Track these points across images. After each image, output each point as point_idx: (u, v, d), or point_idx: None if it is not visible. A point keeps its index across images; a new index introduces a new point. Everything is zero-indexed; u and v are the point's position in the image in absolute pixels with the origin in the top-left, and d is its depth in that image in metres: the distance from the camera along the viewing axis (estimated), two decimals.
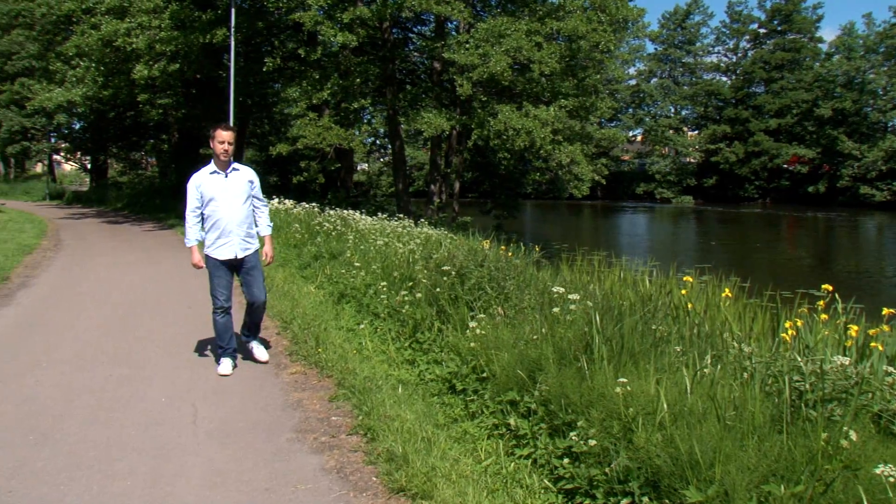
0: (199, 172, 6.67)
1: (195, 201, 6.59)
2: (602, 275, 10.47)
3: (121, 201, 35.92)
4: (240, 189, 6.62)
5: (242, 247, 6.64)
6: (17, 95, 40.87)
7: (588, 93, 24.25)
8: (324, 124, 21.91)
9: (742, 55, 78.16)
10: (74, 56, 24.15)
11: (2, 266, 12.93)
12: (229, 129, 6.55)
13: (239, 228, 6.60)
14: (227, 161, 6.55)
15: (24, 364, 6.85)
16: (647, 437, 3.64)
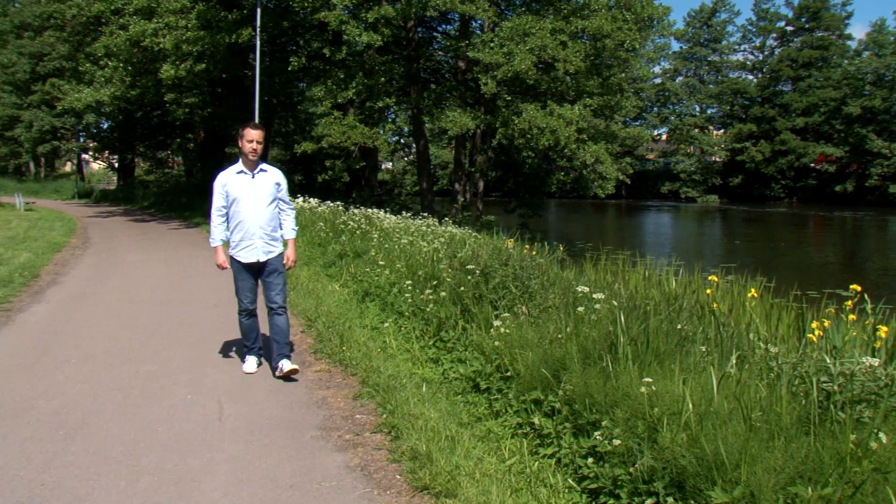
0: (226, 171, 6.51)
1: (220, 200, 6.46)
2: (626, 274, 10.42)
3: (147, 200, 36.27)
4: (266, 191, 6.43)
5: (265, 250, 6.46)
6: (48, 96, 41.45)
7: (613, 91, 24.14)
8: (348, 123, 22.01)
9: (769, 53, 77.48)
10: (103, 56, 24.42)
11: (32, 264, 13.12)
12: (258, 129, 6.37)
13: (262, 231, 6.42)
14: (255, 161, 6.39)
15: (54, 360, 6.93)
16: (672, 438, 3.62)
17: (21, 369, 6.62)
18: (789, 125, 70.30)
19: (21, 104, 46.94)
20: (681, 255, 17.84)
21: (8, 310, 9.33)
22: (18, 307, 9.52)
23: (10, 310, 9.33)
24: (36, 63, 44.91)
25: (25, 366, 6.74)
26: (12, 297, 10.07)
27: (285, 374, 6.32)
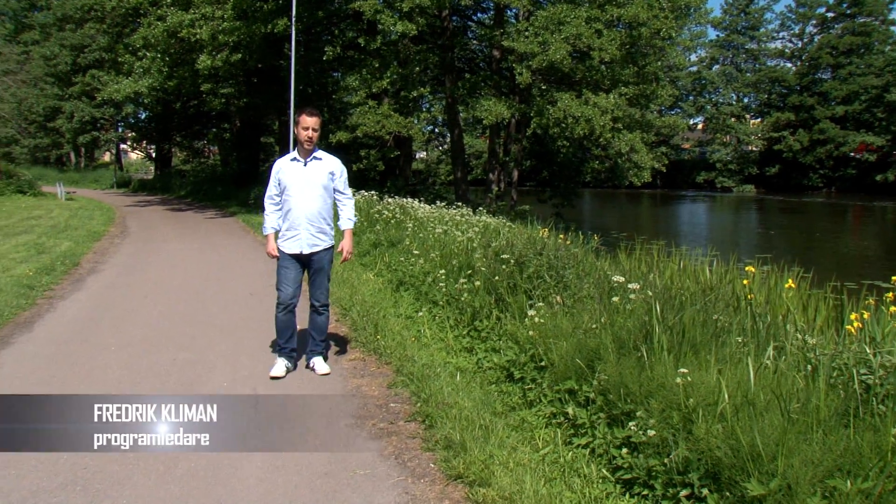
0: (282, 158, 6.36)
1: (273, 188, 6.29)
2: (661, 264, 10.34)
3: (184, 189, 36.69)
4: (317, 180, 6.15)
5: (310, 242, 6.16)
6: (88, 87, 42.09)
7: (648, 80, 23.93)
8: (383, 112, 22.04)
9: (808, 40, 76.02)
10: (141, 48, 24.70)
11: (73, 252, 13.36)
12: (314, 115, 6.10)
13: (309, 222, 6.12)
14: (310, 149, 6.13)
15: (94, 347, 7.06)
16: (707, 429, 3.59)
17: (63, 355, 6.75)
18: (828, 114, 68.99)
19: (62, 95, 47.67)
20: (716, 246, 17.65)
21: (50, 297, 9.51)
22: (60, 294, 9.71)
23: (52, 297, 9.52)
24: (77, 55, 45.55)
25: (67, 352, 6.87)
26: (54, 285, 10.27)
27: (318, 373, 6.24)
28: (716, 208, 54.90)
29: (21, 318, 8.27)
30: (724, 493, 3.36)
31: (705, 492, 3.44)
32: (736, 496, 3.29)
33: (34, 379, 6.04)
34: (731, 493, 3.32)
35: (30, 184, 31.48)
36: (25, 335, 7.53)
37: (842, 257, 24.03)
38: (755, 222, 42.73)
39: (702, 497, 3.46)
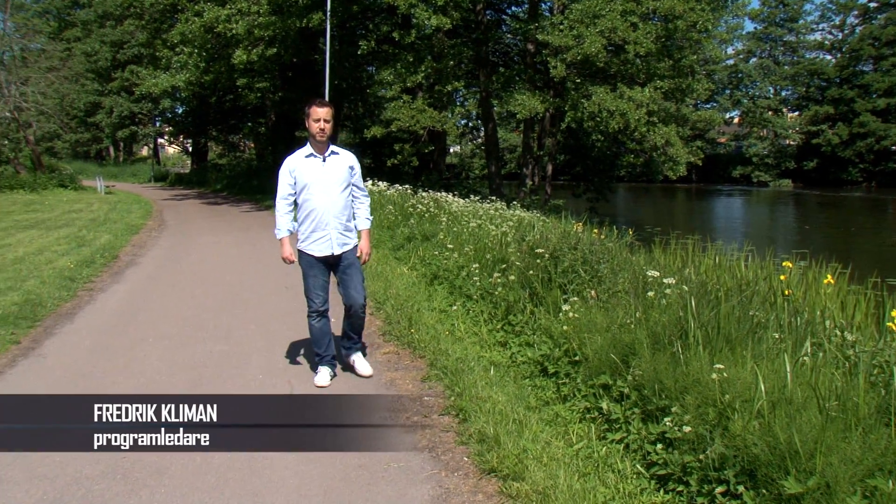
0: (293, 155, 5.86)
1: (287, 187, 5.81)
2: (697, 259, 10.26)
3: (220, 183, 37.03)
4: (339, 175, 5.75)
5: (340, 241, 5.78)
6: (127, 82, 42.62)
7: (684, 74, 23.66)
8: (418, 107, 22.07)
9: (849, 32, 74.57)
10: (179, 43, 24.93)
11: (112, 245, 13.57)
12: (325, 106, 5.65)
13: (337, 221, 5.74)
14: (324, 142, 5.69)
15: (132, 339, 7.17)
16: (743, 425, 3.57)
17: (103, 347, 6.87)
18: (869, 106, 67.66)
19: (102, 91, 48.35)
20: (752, 241, 17.44)
21: (90, 289, 9.68)
22: (100, 287, 9.87)
23: (92, 289, 9.68)
24: (116, 51, 46.15)
25: (107, 343, 6.99)
26: (94, 277, 10.44)
27: (357, 372, 6.00)
28: (752, 203, 54.26)
29: (63, 310, 8.43)
30: (760, 490, 3.34)
31: (741, 489, 3.42)
32: (773, 494, 3.27)
33: (76, 369, 6.16)
34: (767, 491, 3.30)
35: (71, 178, 32.05)
36: (67, 326, 7.69)
37: (882, 253, 23.63)
38: (792, 217, 42.15)
39: (738, 494, 3.44)
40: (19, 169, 31.39)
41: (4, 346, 6.82)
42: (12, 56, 33.73)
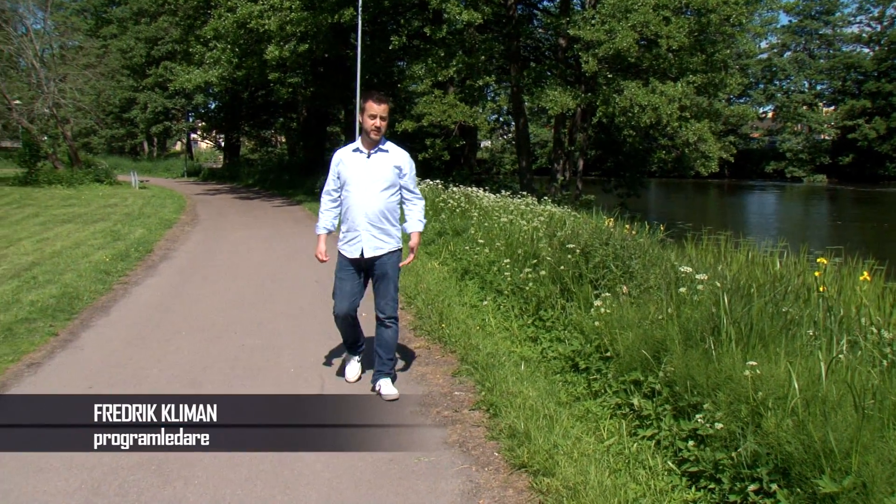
0: (343, 148, 5.55)
1: (332, 181, 5.48)
2: (729, 255, 10.16)
3: (252, 178, 37.32)
4: (381, 174, 5.31)
5: (372, 245, 5.33)
6: (161, 78, 43.15)
7: (717, 68, 23.42)
8: (449, 102, 22.08)
9: (888, 24, 73.32)
10: (212, 39, 25.17)
11: (146, 239, 13.75)
12: (383, 102, 5.26)
13: (370, 222, 5.30)
14: (376, 139, 5.30)
15: (166, 332, 7.25)
16: (776, 423, 3.53)
17: (138, 339, 6.96)
18: None
19: (137, 87, 48.91)
20: (785, 237, 17.24)
21: (125, 283, 9.81)
22: (134, 280, 10.00)
23: (127, 283, 9.81)
24: (151, 47, 46.66)
25: (141, 336, 7.08)
26: (129, 271, 10.58)
27: (385, 398, 5.35)
28: (785, 198, 53.63)
29: (99, 303, 8.56)
30: (794, 489, 3.30)
31: (774, 487, 3.39)
32: (807, 493, 3.23)
33: (112, 361, 6.25)
34: (801, 490, 3.26)
35: (106, 173, 32.46)
36: (103, 319, 7.80)
37: None
38: (826, 213, 41.58)
39: (771, 492, 3.41)
40: (57, 164, 31.87)
41: (44, 337, 6.94)
42: (51, 54, 34.27)
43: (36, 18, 35.65)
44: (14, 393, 5.40)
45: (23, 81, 32.48)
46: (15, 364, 6.13)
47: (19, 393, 5.41)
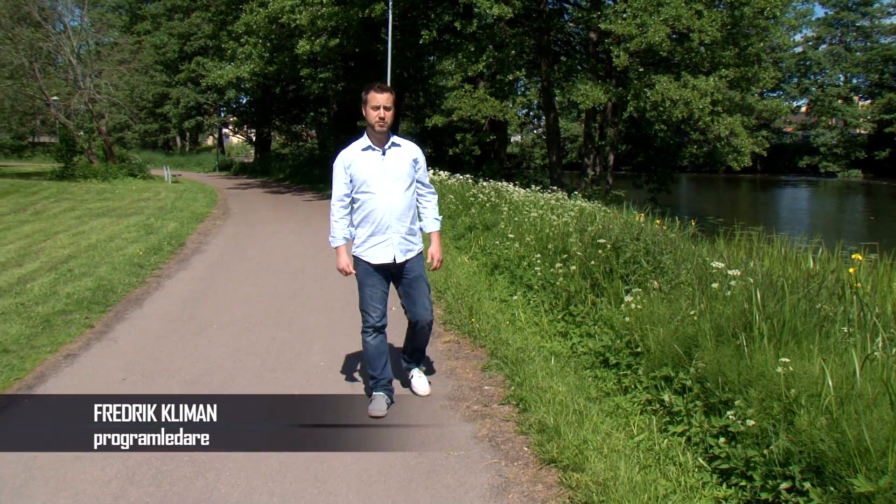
0: (348, 149, 5.07)
1: (342, 186, 5.05)
2: (761, 251, 10.06)
3: (283, 172, 37.52)
4: (401, 170, 4.95)
5: (403, 248, 5.00)
6: (194, 73, 43.51)
7: (750, 62, 23.12)
8: (479, 96, 22.04)
9: None
10: (244, 34, 25.36)
11: (179, 233, 13.90)
12: (385, 91, 4.85)
13: (399, 223, 4.96)
14: (383, 133, 4.90)
15: (198, 325, 7.34)
16: (810, 420, 3.50)
17: (170, 332, 7.05)
18: None
19: (170, 82, 49.36)
20: (819, 232, 17.03)
21: (158, 276, 9.93)
22: (167, 273, 10.12)
23: (160, 276, 9.93)
24: (184, 43, 47.09)
25: (174, 329, 7.18)
26: (161, 264, 10.71)
27: (413, 390, 5.35)
28: (819, 194, 52.96)
29: (133, 295, 8.68)
30: (827, 487, 3.27)
31: (808, 485, 3.34)
32: (841, 492, 3.19)
33: (145, 353, 6.34)
34: (835, 489, 3.22)
35: (140, 167, 32.89)
36: (137, 311, 7.91)
37: None
38: (862, 208, 40.99)
39: (804, 491, 3.37)
40: (92, 159, 32.32)
41: (79, 329, 7.07)
42: (88, 50, 34.73)
43: (73, 16, 36.22)
44: (49, 383, 5.51)
45: (60, 78, 32.98)
46: (53, 355, 6.25)
47: (55, 383, 5.51)
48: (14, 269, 10.18)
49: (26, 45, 29.66)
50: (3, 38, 29.31)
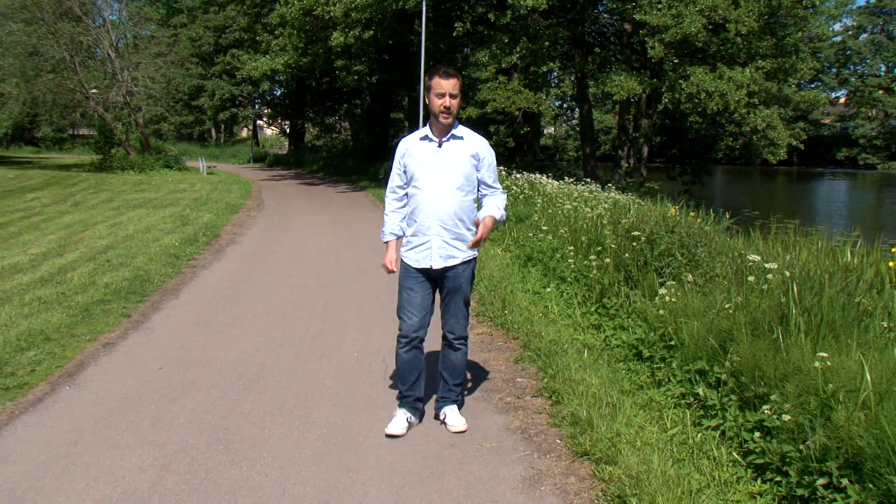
0: (409, 136, 4.65)
1: (396, 177, 4.61)
2: (798, 244, 9.93)
3: (316, 164, 37.74)
4: (455, 166, 4.42)
5: (444, 253, 4.46)
6: (229, 66, 43.93)
7: (787, 52, 22.77)
8: (513, 88, 22.00)
9: None
10: (278, 26, 25.51)
11: (213, 224, 14.05)
12: (452, 76, 4.33)
13: (442, 225, 4.42)
14: (447, 125, 4.41)
15: (233, 316, 7.41)
16: (847, 416, 3.45)
17: (205, 322, 7.13)
18: None
19: (205, 75, 49.84)
20: (857, 226, 16.76)
21: (193, 266, 10.05)
22: (202, 264, 10.23)
23: (195, 266, 10.05)
24: (219, 35, 47.51)
25: (208, 319, 7.26)
26: (196, 255, 10.83)
27: (451, 430, 4.59)
28: (858, 186, 52.07)
29: (168, 286, 8.79)
30: (866, 484, 3.21)
31: (845, 482, 3.29)
32: (880, 489, 3.13)
33: (180, 343, 6.42)
34: (874, 486, 3.17)
35: (175, 159, 33.25)
36: (172, 301, 8.01)
37: None
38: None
39: (841, 487, 3.31)
40: (129, 150, 32.76)
41: (117, 319, 7.18)
42: (125, 43, 35.19)
43: (112, 10, 36.70)
44: (89, 371, 5.60)
45: (99, 71, 33.44)
46: (92, 343, 6.36)
47: (94, 371, 5.61)
48: (55, 259, 10.36)
49: (67, 40, 30.13)
50: (45, 34, 29.78)
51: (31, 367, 5.64)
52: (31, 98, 31.73)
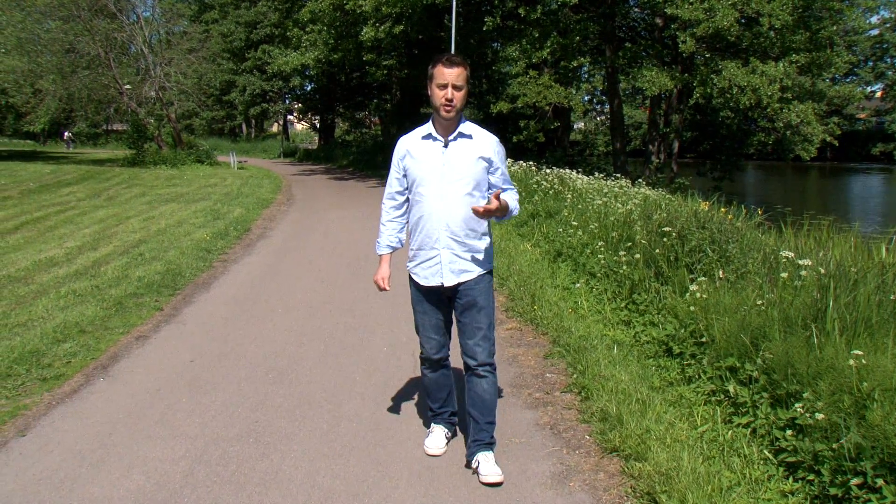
0: (408, 135, 4.04)
1: (395, 182, 4.04)
2: (831, 240, 9.80)
3: (346, 159, 37.84)
4: (465, 169, 3.80)
5: (455, 268, 3.90)
6: (259, 61, 44.18)
7: (822, 46, 22.40)
8: (544, 83, 21.92)
9: None
10: (308, 22, 25.61)
11: (244, 218, 14.15)
12: (456, 65, 3.73)
13: (453, 237, 3.86)
14: (451, 120, 3.78)
15: (263, 309, 7.47)
16: (883, 415, 3.39)
17: (236, 316, 7.20)
18: None
19: (236, 70, 50.16)
20: (893, 222, 16.49)
21: (224, 260, 10.13)
22: (233, 258, 10.32)
23: (226, 260, 10.14)
24: (250, 31, 47.81)
25: (239, 313, 7.32)
26: (228, 249, 10.92)
27: (483, 480, 3.84)
28: (893, 182, 51.23)
29: (200, 279, 8.88)
30: None
31: (880, 482, 3.24)
32: None
33: (212, 336, 6.49)
34: None
35: (207, 153, 33.53)
36: (204, 295, 8.09)
37: None
38: None
39: (876, 487, 3.26)
40: (162, 145, 33.10)
41: (150, 312, 7.27)
42: (158, 39, 35.54)
43: (146, 6, 37.08)
44: (122, 363, 5.68)
45: (132, 67, 33.80)
46: (125, 336, 6.45)
47: (128, 364, 5.68)
48: (90, 252, 10.50)
49: (102, 36, 30.47)
50: (81, 31, 30.14)
51: (67, 359, 5.74)
52: (67, 94, 32.11)
